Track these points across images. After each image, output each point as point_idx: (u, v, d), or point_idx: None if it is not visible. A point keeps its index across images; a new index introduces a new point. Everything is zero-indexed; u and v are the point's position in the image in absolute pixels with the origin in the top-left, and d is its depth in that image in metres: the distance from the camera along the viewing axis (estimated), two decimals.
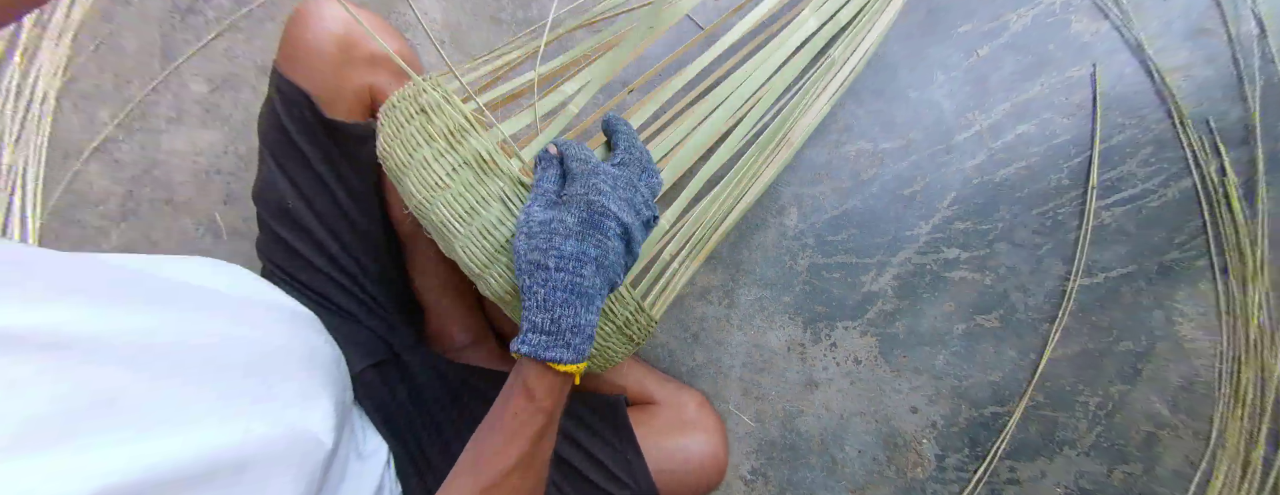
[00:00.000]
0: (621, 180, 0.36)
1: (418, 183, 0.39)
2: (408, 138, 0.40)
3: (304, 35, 0.51)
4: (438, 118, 0.40)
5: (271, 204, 0.54)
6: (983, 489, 0.72)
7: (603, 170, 0.36)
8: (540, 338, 0.34)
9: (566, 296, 0.34)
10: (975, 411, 0.72)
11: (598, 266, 0.34)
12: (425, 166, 0.39)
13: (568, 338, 0.34)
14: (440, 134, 0.39)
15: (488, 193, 0.38)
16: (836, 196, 0.73)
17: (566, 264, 0.34)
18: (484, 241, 0.38)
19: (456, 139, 0.39)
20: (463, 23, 0.78)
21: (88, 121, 0.79)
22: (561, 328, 0.34)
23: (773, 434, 0.75)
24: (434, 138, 0.39)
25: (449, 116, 0.39)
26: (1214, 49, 0.67)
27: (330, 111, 0.52)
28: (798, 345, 0.74)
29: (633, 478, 0.54)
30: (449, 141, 0.39)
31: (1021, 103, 0.70)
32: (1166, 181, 0.68)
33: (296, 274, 0.54)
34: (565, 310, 0.34)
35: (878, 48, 0.71)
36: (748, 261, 0.75)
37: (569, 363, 0.34)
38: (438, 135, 0.39)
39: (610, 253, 0.35)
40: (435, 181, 0.38)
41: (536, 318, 0.34)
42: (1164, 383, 0.69)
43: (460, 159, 0.39)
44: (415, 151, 0.39)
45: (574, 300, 0.34)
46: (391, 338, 0.56)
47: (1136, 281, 0.69)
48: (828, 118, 0.73)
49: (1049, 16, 0.70)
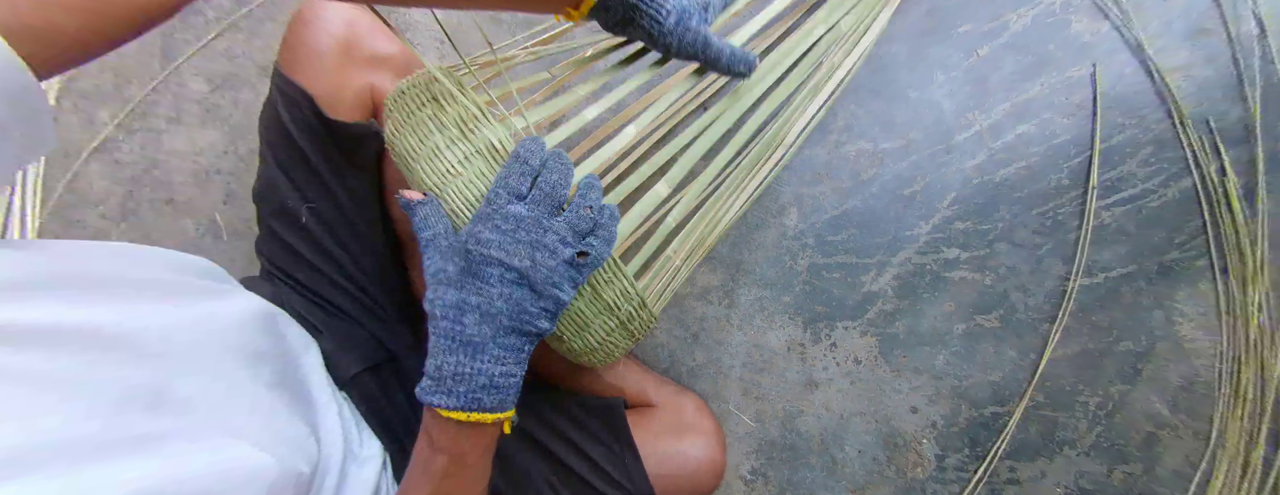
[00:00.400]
0: (526, 222, 0.34)
1: (429, 170, 0.39)
2: (419, 124, 0.40)
3: (306, 36, 0.51)
4: (450, 106, 0.40)
5: (272, 204, 0.54)
6: (983, 489, 0.72)
7: (498, 214, 0.34)
8: (427, 382, 0.35)
9: (449, 344, 0.34)
10: (975, 411, 0.72)
11: (481, 315, 0.34)
12: (437, 154, 0.39)
13: (449, 385, 0.34)
14: (453, 122, 0.39)
15: None
16: (836, 196, 0.73)
17: (448, 312, 0.34)
18: None
19: (469, 128, 0.39)
20: (463, 22, 0.78)
21: (88, 121, 0.79)
22: (443, 375, 0.34)
23: (773, 434, 0.75)
24: (445, 125, 0.39)
25: (462, 105, 0.39)
26: (1214, 49, 0.67)
27: (331, 112, 0.52)
28: (798, 345, 0.74)
29: (630, 481, 0.54)
30: (461, 129, 0.39)
31: (1021, 103, 0.70)
32: (1166, 181, 0.68)
33: (295, 273, 0.54)
34: (448, 357, 0.34)
35: (874, 49, 0.71)
36: (748, 261, 0.75)
37: (454, 409, 0.34)
38: (449, 123, 0.39)
39: (496, 300, 0.34)
40: (446, 169, 0.38)
41: (428, 362, 0.35)
42: (1164, 383, 0.69)
43: (472, 147, 0.38)
44: (426, 138, 0.39)
45: (456, 348, 0.34)
46: (389, 339, 0.56)
47: (1136, 281, 0.69)
48: (828, 118, 0.73)
49: (1049, 16, 0.70)
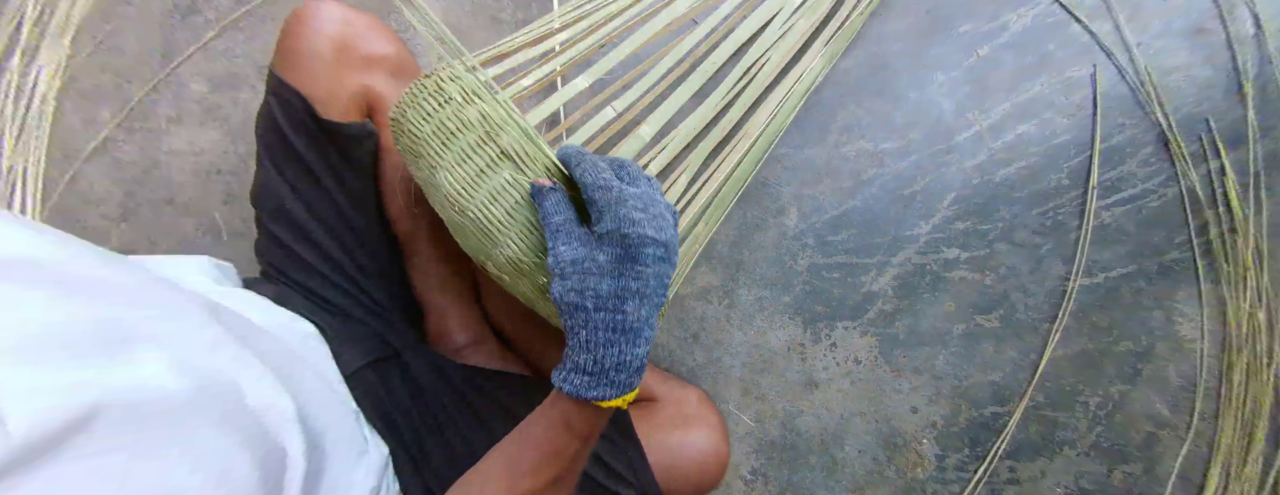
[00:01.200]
0: (644, 198, 0.34)
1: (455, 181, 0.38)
2: (439, 127, 0.39)
3: (300, 38, 0.51)
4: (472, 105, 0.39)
5: (269, 206, 0.54)
6: (983, 489, 0.72)
7: (629, 195, 0.34)
8: (583, 378, 0.33)
9: (609, 336, 0.33)
10: (975, 411, 0.72)
11: (640, 299, 0.33)
12: (465, 159, 0.38)
13: (612, 376, 0.33)
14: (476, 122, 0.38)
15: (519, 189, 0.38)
16: (836, 196, 0.73)
17: (606, 303, 0.32)
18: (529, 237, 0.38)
19: (494, 129, 0.38)
20: (463, 23, 0.78)
21: (88, 121, 0.79)
22: (604, 367, 0.33)
23: (773, 434, 0.75)
24: (469, 125, 0.38)
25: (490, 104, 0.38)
26: (1213, 49, 0.67)
27: (326, 113, 0.52)
28: (798, 345, 0.74)
29: (634, 474, 0.54)
30: (486, 132, 0.38)
31: (1021, 103, 0.70)
32: (1166, 181, 0.68)
33: (295, 275, 0.54)
34: (608, 350, 0.33)
35: (874, 48, 0.71)
36: (748, 261, 0.75)
37: (611, 399, 0.34)
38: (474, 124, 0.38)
39: (651, 280, 0.33)
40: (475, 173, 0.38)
41: (579, 357, 0.33)
42: (1164, 383, 0.69)
43: (499, 150, 0.37)
44: (450, 142, 0.39)
45: (618, 339, 0.33)
46: (391, 337, 0.56)
47: (1136, 281, 0.69)
48: (827, 117, 0.73)
49: (1049, 16, 0.70)
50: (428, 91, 0.41)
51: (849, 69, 0.73)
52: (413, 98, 0.42)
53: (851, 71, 0.73)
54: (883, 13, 0.72)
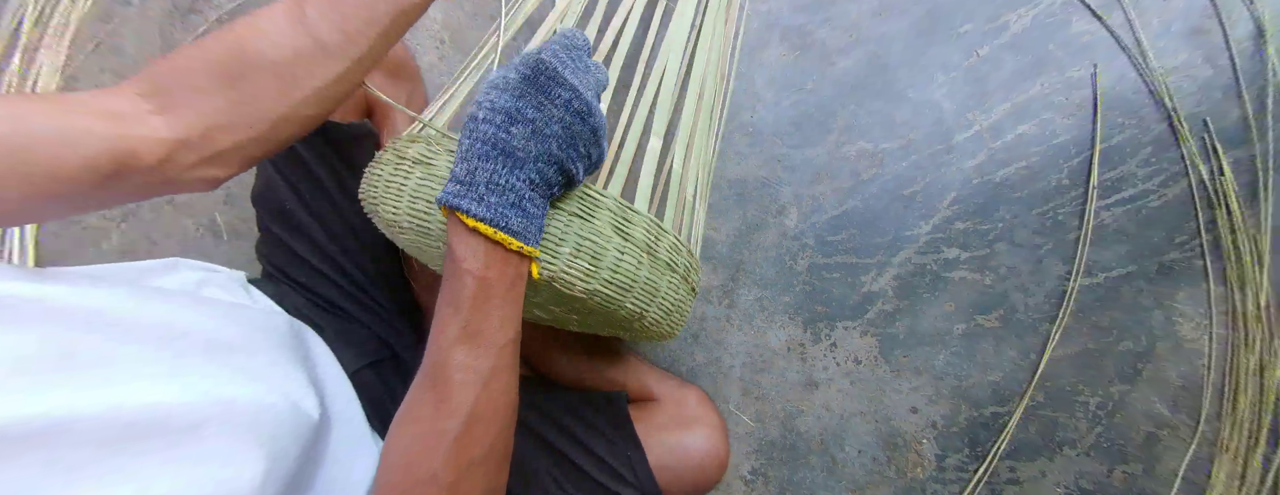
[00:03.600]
0: (576, 57, 0.35)
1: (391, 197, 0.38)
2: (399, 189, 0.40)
3: None
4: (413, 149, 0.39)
5: (270, 206, 0.54)
6: (983, 489, 0.72)
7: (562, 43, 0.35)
8: (454, 186, 0.32)
9: (486, 150, 0.32)
10: (975, 411, 0.72)
11: (533, 130, 0.32)
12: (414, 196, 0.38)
13: (481, 191, 0.32)
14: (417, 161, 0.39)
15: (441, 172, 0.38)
16: (836, 196, 0.73)
17: (495, 117, 0.32)
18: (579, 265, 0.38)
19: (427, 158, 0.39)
20: (462, 23, 0.78)
21: None
22: (475, 180, 0.32)
23: (773, 434, 0.75)
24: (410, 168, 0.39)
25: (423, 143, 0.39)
26: (1213, 49, 0.67)
27: None
28: (798, 345, 0.74)
29: (634, 474, 0.54)
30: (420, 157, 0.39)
31: (1021, 103, 0.70)
32: (1166, 182, 0.68)
33: (295, 276, 0.54)
34: (483, 164, 0.32)
35: (874, 48, 0.71)
36: (748, 261, 0.75)
37: (480, 220, 0.32)
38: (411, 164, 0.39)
39: (553, 123, 0.32)
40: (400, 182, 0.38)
41: (457, 168, 0.33)
42: (1164, 383, 0.69)
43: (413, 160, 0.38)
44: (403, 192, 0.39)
45: (495, 156, 0.32)
46: (391, 338, 0.56)
47: (1136, 281, 0.69)
48: (827, 117, 0.73)
49: (1049, 16, 0.70)
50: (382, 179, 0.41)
51: (849, 69, 0.73)
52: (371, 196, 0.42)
53: (851, 71, 0.73)
54: (882, 13, 0.72)
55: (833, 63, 0.73)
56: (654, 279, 0.40)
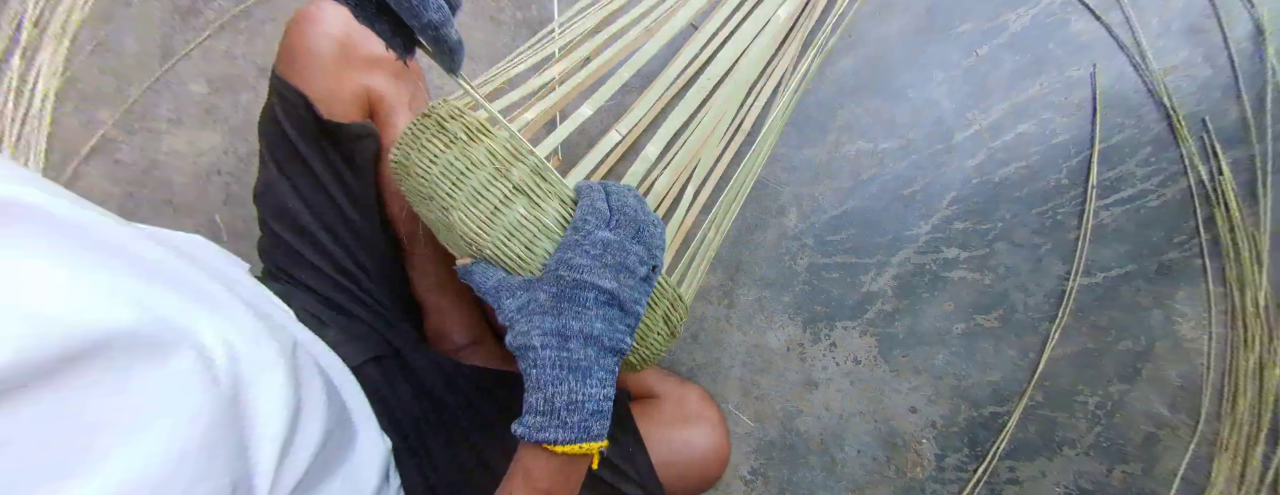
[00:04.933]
0: (613, 246, 0.35)
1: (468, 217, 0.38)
2: (447, 167, 0.39)
3: (303, 37, 0.51)
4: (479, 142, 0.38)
5: (272, 205, 0.54)
6: (982, 489, 0.72)
7: (590, 240, 0.35)
8: (535, 418, 0.33)
9: (556, 373, 0.33)
10: (975, 411, 0.72)
11: (585, 339, 0.34)
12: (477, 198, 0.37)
13: (563, 416, 0.33)
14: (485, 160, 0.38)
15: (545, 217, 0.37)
16: (836, 196, 0.73)
17: (550, 340, 0.33)
18: None
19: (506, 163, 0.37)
20: (462, 23, 0.78)
21: (87, 122, 0.79)
22: (555, 406, 0.33)
23: (772, 434, 0.75)
24: (478, 164, 0.38)
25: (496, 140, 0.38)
26: (1212, 49, 0.67)
27: (328, 113, 0.52)
28: (797, 345, 0.75)
29: (636, 470, 0.54)
30: (495, 167, 0.37)
31: (1021, 102, 0.70)
32: (1166, 181, 0.69)
33: (298, 274, 0.54)
34: (557, 387, 0.33)
35: (873, 49, 0.71)
36: (748, 261, 0.75)
37: (566, 443, 0.33)
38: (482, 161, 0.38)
39: (597, 322, 0.34)
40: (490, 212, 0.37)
41: (532, 398, 0.34)
42: (1164, 382, 0.69)
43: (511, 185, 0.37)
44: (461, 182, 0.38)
45: (566, 376, 0.33)
46: (393, 336, 0.56)
47: (1136, 281, 0.69)
48: (827, 118, 0.73)
49: (1048, 16, 0.70)
50: (429, 132, 0.40)
51: (848, 69, 0.73)
52: (414, 139, 0.41)
53: (851, 71, 0.73)
54: (882, 12, 0.73)
55: (832, 62, 0.73)
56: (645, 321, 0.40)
